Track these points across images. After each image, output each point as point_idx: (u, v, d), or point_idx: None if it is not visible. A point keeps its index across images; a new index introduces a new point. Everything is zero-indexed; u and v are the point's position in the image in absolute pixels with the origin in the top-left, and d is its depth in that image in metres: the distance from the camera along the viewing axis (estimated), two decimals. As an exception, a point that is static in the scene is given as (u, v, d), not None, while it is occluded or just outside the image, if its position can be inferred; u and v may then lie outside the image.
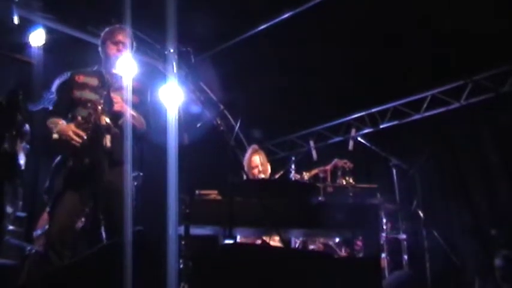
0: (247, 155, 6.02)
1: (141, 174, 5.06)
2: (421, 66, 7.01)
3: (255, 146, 6.12)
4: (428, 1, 6.10)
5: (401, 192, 6.41)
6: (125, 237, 2.94)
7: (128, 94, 4.00)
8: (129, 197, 3.66)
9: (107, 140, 3.85)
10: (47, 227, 4.30)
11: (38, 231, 5.58)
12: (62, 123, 3.87)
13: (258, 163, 5.96)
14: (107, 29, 4.32)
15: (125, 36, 4.22)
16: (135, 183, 4.91)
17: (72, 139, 3.76)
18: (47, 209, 4.13)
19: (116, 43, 4.19)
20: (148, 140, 4.24)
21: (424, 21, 6.38)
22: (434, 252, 6.09)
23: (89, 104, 3.91)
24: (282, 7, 6.50)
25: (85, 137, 3.79)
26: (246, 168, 5.93)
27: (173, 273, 2.85)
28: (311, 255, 4.20)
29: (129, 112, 3.96)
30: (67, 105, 4.00)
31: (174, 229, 2.99)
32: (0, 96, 4.11)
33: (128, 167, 3.85)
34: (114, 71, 4.13)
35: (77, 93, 4.01)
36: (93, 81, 4.08)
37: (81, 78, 4.10)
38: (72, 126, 3.82)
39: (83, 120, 3.85)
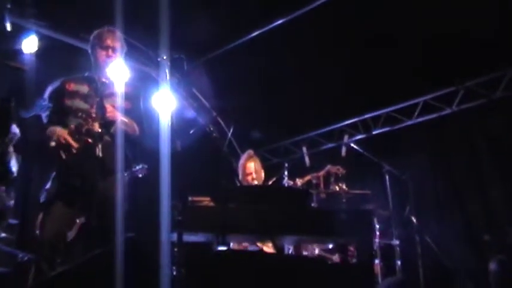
0: (242, 161, 6.00)
1: (145, 166, 5.02)
2: (413, 73, 7.03)
3: (250, 152, 6.09)
4: (420, 7, 6.13)
5: (394, 198, 6.43)
6: (117, 244, 2.93)
7: (120, 100, 3.98)
8: (122, 204, 3.64)
9: (99, 150, 3.83)
10: None
11: None
12: (59, 129, 3.86)
13: (252, 170, 5.95)
14: (95, 33, 4.23)
15: (114, 40, 4.15)
16: (140, 175, 4.87)
17: (69, 143, 3.75)
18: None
19: (105, 48, 4.11)
20: (141, 145, 4.22)
21: (416, 27, 6.41)
22: (427, 258, 6.11)
23: (80, 114, 3.89)
24: (275, 14, 6.52)
25: (76, 147, 3.77)
26: (240, 174, 5.92)
27: (166, 280, 2.84)
28: (304, 261, 4.19)
29: (120, 119, 3.94)
30: (60, 114, 3.98)
31: (166, 236, 2.98)
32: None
33: (121, 175, 3.83)
34: (105, 77, 4.08)
35: (68, 102, 3.98)
36: (84, 89, 4.04)
37: (72, 86, 4.05)
38: (66, 132, 3.81)
39: (75, 130, 3.84)
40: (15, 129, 4.89)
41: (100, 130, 3.87)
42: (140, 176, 4.88)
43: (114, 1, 4.53)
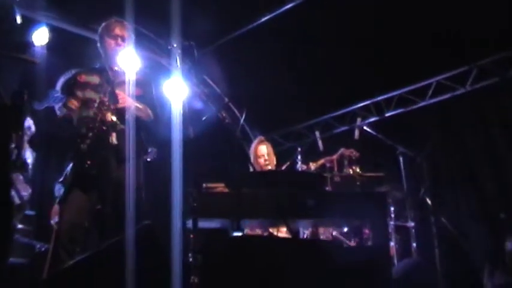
0: (253, 145, 6.03)
1: (154, 149, 5.04)
2: (425, 53, 6.97)
3: (261, 137, 6.12)
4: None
5: (408, 180, 6.41)
6: (133, 232, 2.95)
7: (131, 88, 4.00)
8: (136, 192, 3.67)
9: (113, 138, 3.86)
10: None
11: (56, 219, 5.58)
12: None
13: (264, 152, 5.97)
14: (103, 24, 4.27)
15: (122, 29, 4.18)
16: (148, 159, 4.90)
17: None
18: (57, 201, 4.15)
19: (114, 37, 4.15)
20: (156, 131, 4.25)
21: (427, 7, 6.34)
22: (443, 239, 6.09)
23: (92, 104, 3.91)
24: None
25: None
26: (252, 158, 5.93)
27: (182, 267, 2.86)
28: (320, 245, 4.20)
29: (133, 106, 3.97)
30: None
31: (180, 223, 3.00)
32: (5, 97, 4.12)
33: (135, 161, 3.85)
34: (116, 66, 4.11)
35: (80, 94, 4.02)
36: (95, 80, 4.08)
37: (83, 78, 4.09)
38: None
39: (88, 120, 3.87)
40: (29, 122, 4.93)
41: (113, 119, 3.90)
42: (149, 160, 4.91)
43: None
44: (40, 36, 6.09)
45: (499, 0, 6.16)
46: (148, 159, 4.81)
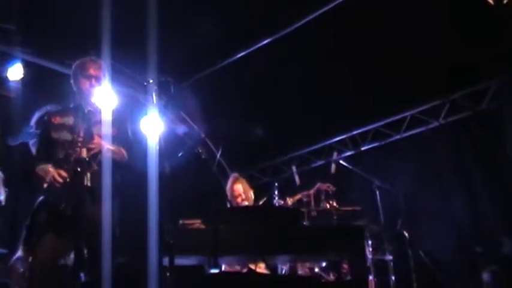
0: (229, 184, 6.02)
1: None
2: (399, 87, 7.07)
3: (235, 175, 6.12)
4: (405, 23, 6.18)
5: (385, 212, 6.42)
6: (107, 271, 2.90)
7: (106, 128, 3.94)
8: (110, 231, 3.60)
9: (88, 179, 3.80)
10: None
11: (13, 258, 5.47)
12: (51, 169, 3.81)
13: (241, 191, 5.96)
14: (77, 62, 4.17)
15: (97, 69, 4.10)
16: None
17: (57, 181, 3.72)
18: (22, 246, 4.05)
19: (88, 77, 4.04)
20: (131, 170, 4.19)
21: (402, 42, 6.45)
22: (421, 271, 6.09)
23: (66, 145, 3.86)
24: (262, 32, 6.55)
25: (66, 177, 3.74)
26: (229, 197, 5.91)
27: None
28: (298, 280, 4.17)
29: (107, 148, 3.91)
30: (48, 147, 3.95)
31: (156, 260, 2.95)
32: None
33: (109, 203, 3.78)
34: (90, 106, 4.05)
35: (55, 135, 3.94)
36: (69, 121, 4.00)
37: (58, 120, 4.01)
38: (56, 172, 3.78)
39: (62, 162, 3.81)
40: None
41: (88, 158, 3.85)
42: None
43: (101, 27, 4.53)
44: (15, 72, 6.09)
45: (471, 37, 6.30)
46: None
